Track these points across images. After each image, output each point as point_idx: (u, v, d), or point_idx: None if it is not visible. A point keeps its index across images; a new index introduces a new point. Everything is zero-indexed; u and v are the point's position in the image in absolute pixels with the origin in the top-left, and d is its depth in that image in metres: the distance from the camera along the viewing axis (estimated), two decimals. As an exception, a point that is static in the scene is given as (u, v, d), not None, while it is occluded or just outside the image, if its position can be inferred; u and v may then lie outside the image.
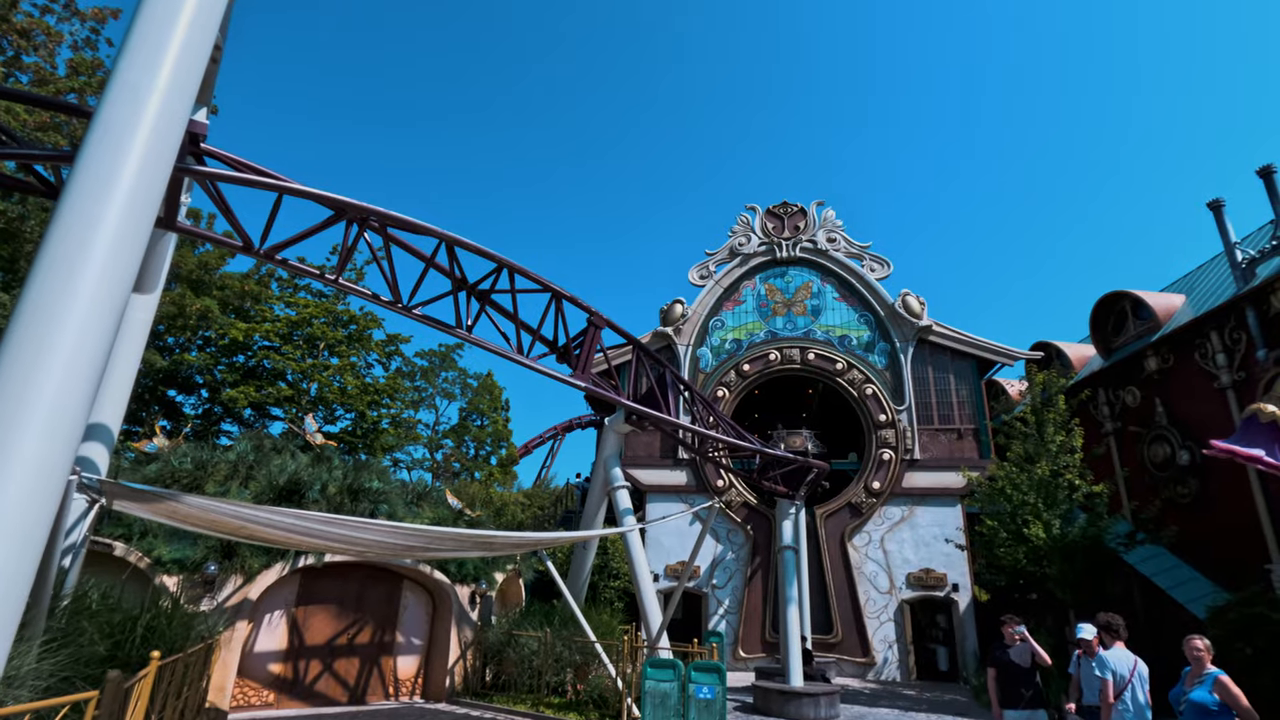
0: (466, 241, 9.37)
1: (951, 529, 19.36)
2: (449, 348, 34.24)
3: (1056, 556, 13.40)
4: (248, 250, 8.31)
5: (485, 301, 10.38)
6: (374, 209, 8.41)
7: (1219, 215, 17.13)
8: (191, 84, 4.78)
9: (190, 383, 24.42)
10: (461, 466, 33.91)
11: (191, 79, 4.78)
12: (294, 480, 11.63)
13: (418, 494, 14.19)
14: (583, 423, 43.96)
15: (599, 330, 11.15)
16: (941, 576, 18.91)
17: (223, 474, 11.69)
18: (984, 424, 20.38)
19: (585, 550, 13.33)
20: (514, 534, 7.80)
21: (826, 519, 19.99)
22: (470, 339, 9.96)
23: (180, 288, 22.61)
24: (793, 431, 20.94)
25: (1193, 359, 17.93)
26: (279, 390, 22.65)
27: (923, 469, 20.03)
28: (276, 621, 10.76)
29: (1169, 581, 16.91)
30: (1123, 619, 6.18)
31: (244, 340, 22.69)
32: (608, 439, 12.75)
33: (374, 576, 11.97)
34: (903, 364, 21.07)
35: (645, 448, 21.45)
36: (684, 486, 20.99)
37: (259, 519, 5.68)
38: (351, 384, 24.33)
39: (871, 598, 19.14)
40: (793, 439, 20.46)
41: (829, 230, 23.15)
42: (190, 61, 4.75)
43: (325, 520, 6.18)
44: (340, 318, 25.91)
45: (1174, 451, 18.16)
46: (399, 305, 9.43)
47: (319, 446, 14.83)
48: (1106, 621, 6.10)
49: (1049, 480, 14.08)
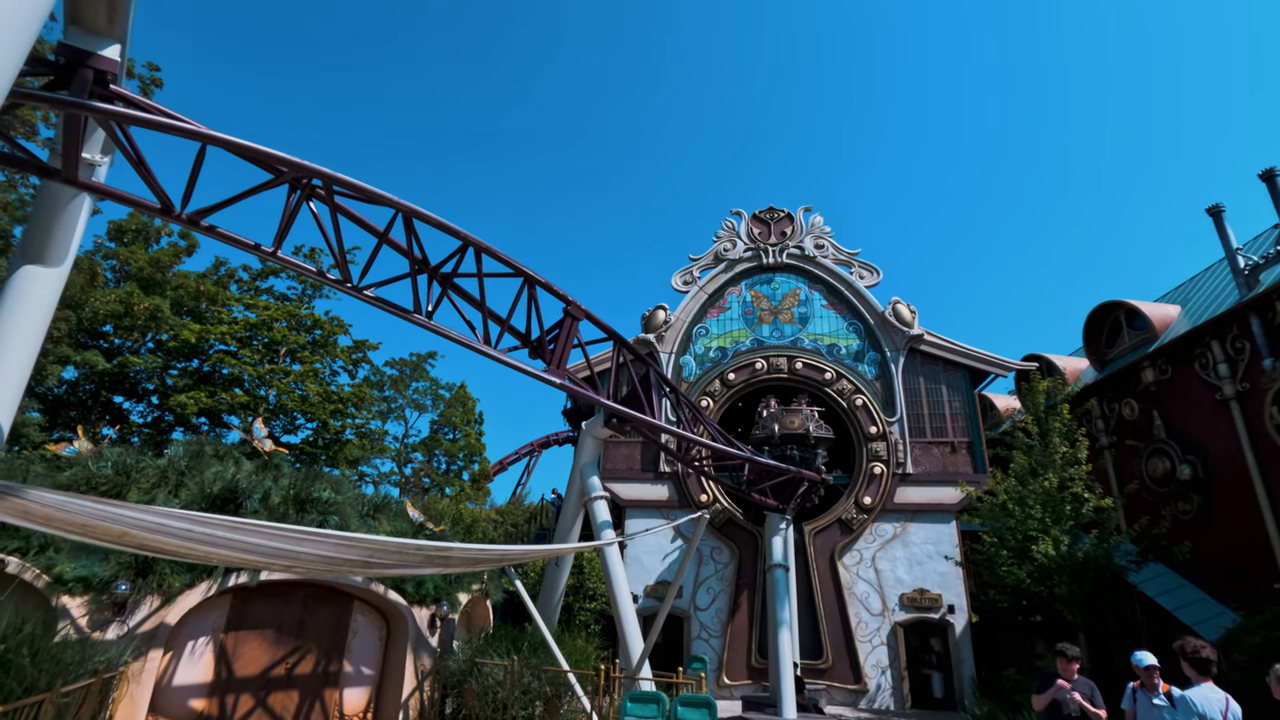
0: (427, 214, 8.28)
1: (946, 546, 18.43)
2: (420, 356, 32.86)
3: (1065, 575, 12.47)
4: (167, 213, 7.14)
5: (448, 286, 9.27)
6: (317, 169, 7.30)
7: (1219, 221, 16.66)
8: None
9: (139, 388, 22.81)
10: (432, 482, 32.37)
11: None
12: (229, 489, 10.31)
13: (374, 506, 12.87)
14: (559, 439, 42.60)
15: (576, 322, 10.08)
16: (936, 597, 17.93)
17: (149, 481, 10.34)
18: (978, 437, 19.58)
19: (559, 568, 12.11)
20: (473, 546, 6.65)
21: (815, 536, 18.95)
22: (430, 326, 8.83)
23: (129, 286, 21.14)
24: (790, 410, 17.68)
25: (1193, 370, 17.33)
26: (234, 397, 21.14)
27: (915, 483, 19.13)
28: (201, 650, 9.37)
29: (1174, 602, 16.10)
30: (1212, 649, 5.12)
31: (196, 342, 21.20)
32: (585, 445, 11.63)
33: (320, 597, 10.63)
34: (893, 374, 20.26)
35: (625, 460, 20.31)
36: (665, 501, 19.85)
37: (140, 523, 4.49)
38: (313, 391, 22.90)
39: (863, 620, 18.08)
40: (790, 418, 17.12)
41: (816, 236, 22.43)
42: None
43: (232, 526, 5.00)
44: (304, 322, 24.52)
45: (1174, 466, 17.48)
46: (348, 284, 8.29)
47: (267, 454, 13.52)
48: (1195, 651, 5.05)
49: (1056, 493, 13.20)
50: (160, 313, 20.34)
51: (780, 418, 17.07)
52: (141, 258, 21.34)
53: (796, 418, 16.88)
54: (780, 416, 17.12)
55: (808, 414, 17.24)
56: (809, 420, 16.91)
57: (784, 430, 16.64)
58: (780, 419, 17.00)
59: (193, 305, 22.65)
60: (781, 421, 16.86)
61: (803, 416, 17.00)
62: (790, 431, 16.56)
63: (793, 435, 16.48)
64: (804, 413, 17.25)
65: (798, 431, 16.49)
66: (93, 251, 21.44)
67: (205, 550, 5.81)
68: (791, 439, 16.42)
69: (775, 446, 16.24)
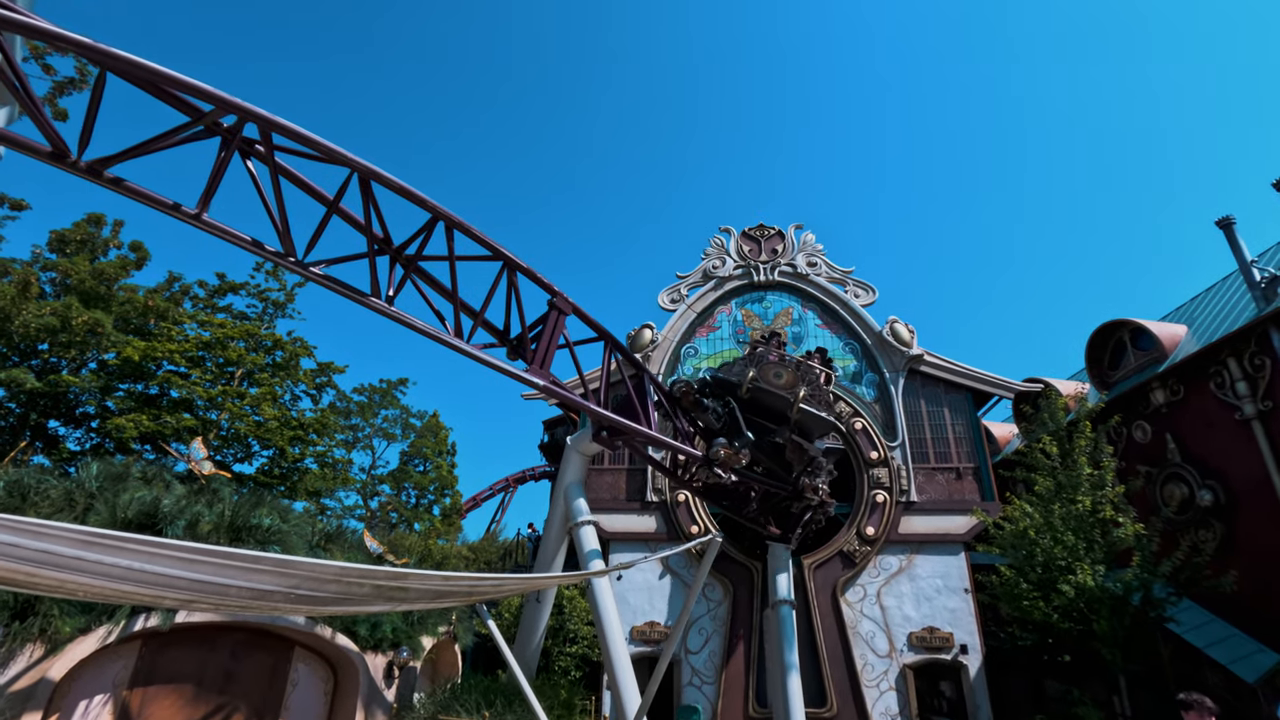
0: (389, 177, 7.00)
1: (955, 580, 17.10)
2: (390, 383, 31.11)
3: (1104, 610, 11.21)
4: (60, 159, 5.77)
5: (412, 269, 7.95)
6: (251, 109, 6.00)
7: (1230, 233, 16.05)
8: None
9: (76, 413, 20.82)
10: (400, 516, 30.31)
11: None
12: (146, 513, 8.70)
13: (326, 535, 11.28)
14: (536, 475, 40.74)
15: (563, 316, 8.79)
16: (947, 636, 16.52)
17: (52, 506, 8.71)
18: (984, 462, 18.46)
19: (539, 606, 10.53)
20: (434, 574, 5.21)
21: (815, 570, 17.52)
22: (390, 313, 7.47)
23: (68, 299, 19.37)
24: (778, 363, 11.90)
25: (1207, 390, 16.50)
26: (180, 420, 19.28)
27: (921, 512, 17.87)
28: (97, 711, 7.64)
29: (1204, 639, 14.87)
30: None
31: (141, 361, 19.39)
32: (569, 463, 10.22)
33: (252, 643, 8.97)
34: (893, 396, 19.18)
35: (609, 488, 18.80)
36: (653, 534, 18.31)
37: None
38: (270, 415, 21.10)
39: (869, 662, 16.57)
40: (777, 370, 11.33)
41: (809, 254, 21.55)
42: None
43: (86, 541, 3.54)
44: (264, 342, 22.82)
45: (1193, 491, 16.50)
46: (290, 259, 6.93)
47: (205, 477, 11.86)
48: None
49: (1088, 518, 12.03)
50: (101, 328, 18.57)
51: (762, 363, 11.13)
52: (84, 269, 19.63)
53: (785, 373, 11.03)
54: (762, 361, 11.17)
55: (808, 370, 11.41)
56: (808, 384, 11.04)
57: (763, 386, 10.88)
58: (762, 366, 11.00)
59: (140, 322, 20.88)
60: (763, 374, 10.92)
61: (793, 372, 11.01)
62: (771, 389, 10.82)
63: (772, 402, 10.92)
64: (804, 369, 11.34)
65: (781, 394, 10.75)
66: (30, 262, 19.70)
67: (71, 580, 4.32)
68: (771, 411, 10.97)
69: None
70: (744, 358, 11.96)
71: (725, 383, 10.51)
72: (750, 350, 13.35)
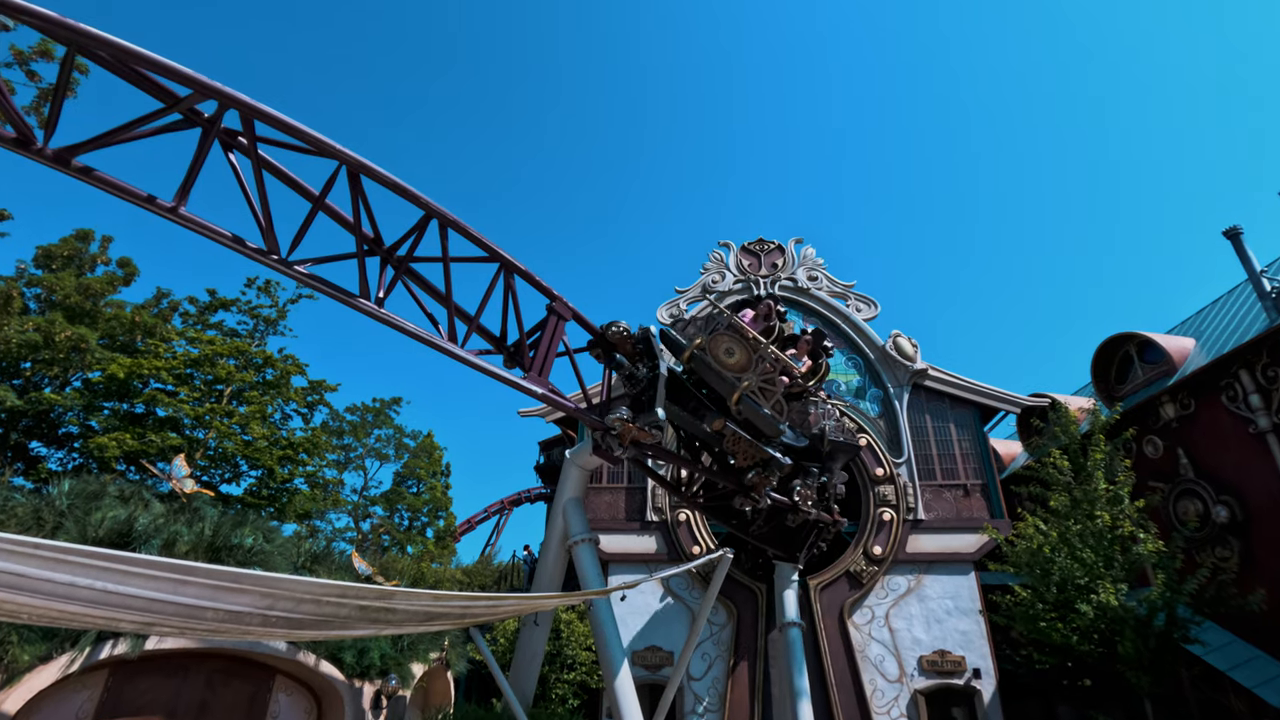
0: (380, 171, 6.63)
1: (966, 601, 16.55)
2: (384, 402, 30.54)
3: (1128, 631, 10.70)
4: (24, 146, 5.39)
5: (404, 271, 7.55)
6: (236, 96, 5.64)
7: (1238, 244, 15.82)
8: None
9: (59, 432, 20.23)
10: (392, 539, 29.58)
11: None
12: (119, 532, 8.18)
13: (313, 556, 10.72)
14: (531, 496, 40.03)
15: (563, 322, 8.39)
16: (959, 660, 15.93)
17: (19, 522, 8.18)
18: (992, 479, 18.02)
19: (537, 629, 9.98)
20: (424, 592, 4.74)
21: (821, 591, 16.94)
22: (381, 315, 7.06)
23: (52, 314, 18.90)
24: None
25: (1219, 403, 16.15)
26: (165, 439, 18.72)
27: (929, 531, 17.37)
28: (57, 747, 7.08)
29: (1227, 661, 14.33)
30: None
31: (126, 378, 18.88)
32: (568, 477, 9.74)
33: (229, 672, 8.39)
34: (898, 411, 18.77)
35: (607, 508, 18.26)
36: (653, 554, 17.73)
37: None
38: (259, 434, 20.55)
39: (879, 688, 15.94)
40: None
41: (809, 268, 21.28)
42: None
43: (26, 551, 3.08)
44: (254, 359, 22.33)
45: (1208, 508, 16.07)
46: (274, 257, 6.52)
47: (187, 495, 11.33)
48: None
49: (1108, 534, 11.57)
50: (85, 344, 18.08)
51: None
52: (69, 284, 19.19)
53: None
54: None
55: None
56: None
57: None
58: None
59: (127, 339, 20.40)
60: (713, 344, 8.89)
61: (747, 352, 8.99)
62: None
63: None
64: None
65: (726, 375, 8.90)
66: (14, 278, 19.26)
67: (10, 600, 3.83)
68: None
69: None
70: (711, 315, 9.40)
71: (672, 341, 8.52)
72: (737, 306, 11.62)
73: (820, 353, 9.11)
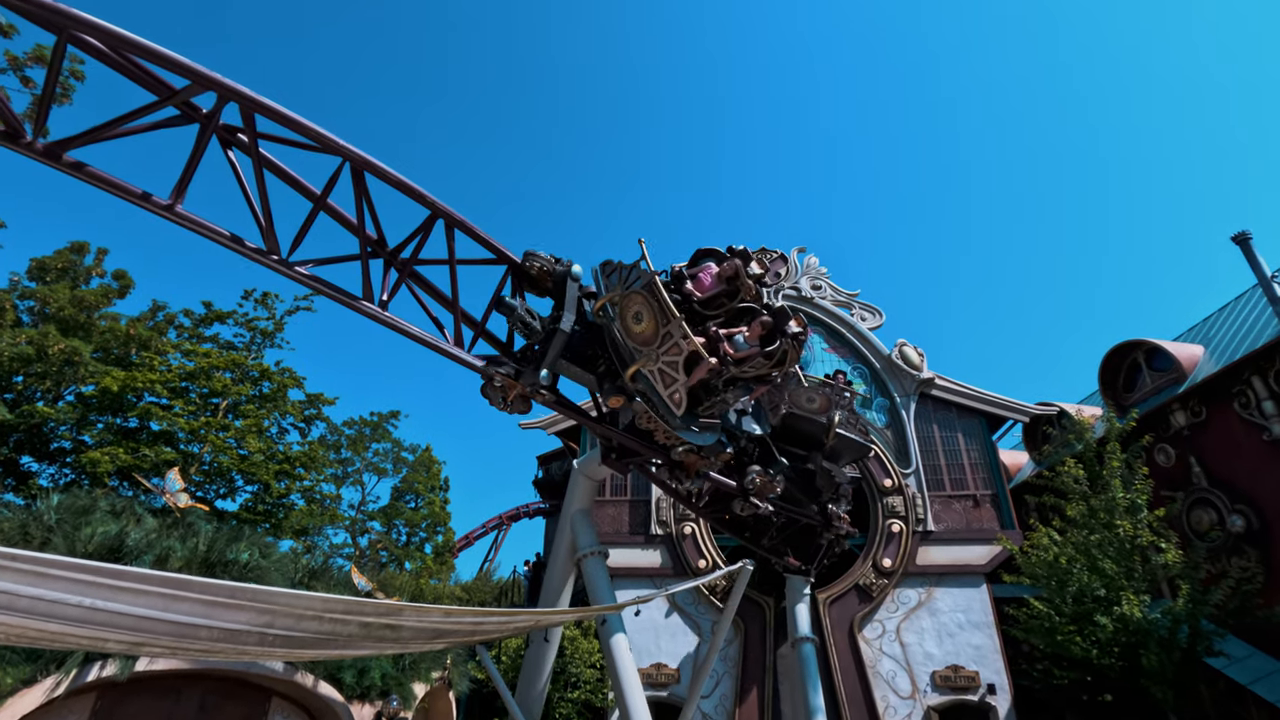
0: (385, 168, 6.41)
1: (978, 614, 16.20)
2: (382, 416, 30.16)
3: (1152, 644, 10.39)
4: (13, 140, 5.16)
5: (408, 274, 7.30)
6: (236, 88, 5.41)
7: (1247, 249, 15.68)
8: None
9: (51, 448, 19.84)
10: (390, 555, 29.07)
11: None
12: (110, 547, 7.85)
13: (310, 572, 10.38)
14: (530, 511, 39.51)
15: (571, 327, 8.09)
16: (973, 675, 15.54)
17: (4, 537, 7.85)
18: (1002, 488, 17.74)
19: (546, 646, 9.61)
20: (434, 607, 4.45)
21: (830, 605, 16.58)
22: (384, 318, 6.81)
23: (45, 327, 18.58)
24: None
25: (1231, 410, 15.93)
26: (159, 453, 18.34)
27: (939, 542, 17.05)
28: (42, 775, 6.71)
29: (1248, 675, 13.99)
30: None
31: (120, 391, 18.53)
32: (576, 488, 9.44)
33: (223, 693, 8.03)
34: (905, 421, 18.52)
35: (611, 521, 17.91)
36: (658, 569, 17.37)
37: None
38: (255, 448, 20.17)
39: (891, 704, 15.54)
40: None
41: (813, 277, 21.11)
42: None
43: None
44: (250, 372, 22.01)
45: (1223, 517, 15.80)
46: (274, 257, 6.27)
47: (181, 510, 11.00)
48: None
49: (1129, 544, 11.28)
50: (78, 356, 17.75)
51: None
52: (63, 297, 18.89)
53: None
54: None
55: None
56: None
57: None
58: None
59: (122, 352, 20.07)
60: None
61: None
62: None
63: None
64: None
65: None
66: (8, 290, 18.96)
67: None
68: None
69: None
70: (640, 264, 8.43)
71: (595, 292, 8.08)
72: (699, 256, 11.45)
73: (778, 336, 7.63)
